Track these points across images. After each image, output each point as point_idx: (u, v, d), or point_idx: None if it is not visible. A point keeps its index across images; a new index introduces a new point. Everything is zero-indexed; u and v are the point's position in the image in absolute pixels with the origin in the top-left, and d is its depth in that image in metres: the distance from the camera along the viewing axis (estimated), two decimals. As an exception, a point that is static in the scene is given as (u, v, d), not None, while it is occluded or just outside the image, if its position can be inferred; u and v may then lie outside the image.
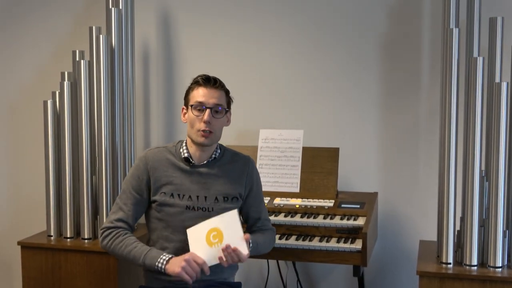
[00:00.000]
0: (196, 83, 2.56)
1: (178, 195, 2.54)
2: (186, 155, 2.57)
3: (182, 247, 2.50)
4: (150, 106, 3.76)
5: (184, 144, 2.60)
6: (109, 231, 2.53)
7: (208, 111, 2.50)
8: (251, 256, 2.63)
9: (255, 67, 3.60)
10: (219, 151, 2.63)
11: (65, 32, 3.83)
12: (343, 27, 3.45)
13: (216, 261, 2.39)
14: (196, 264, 2.36)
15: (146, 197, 2.57)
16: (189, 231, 2.45)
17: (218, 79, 2.57)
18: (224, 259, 2.39)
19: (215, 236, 2.39)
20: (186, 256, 2.38)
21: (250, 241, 2.48)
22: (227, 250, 2.38)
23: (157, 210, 2.55)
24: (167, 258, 2.41)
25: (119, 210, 2.55)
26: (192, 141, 2.56)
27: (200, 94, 2.52)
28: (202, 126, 2.50)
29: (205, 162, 2.58)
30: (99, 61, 3.22)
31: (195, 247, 2.41)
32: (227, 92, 2.60)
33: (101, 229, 2.56)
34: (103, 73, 3.22)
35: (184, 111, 2.61)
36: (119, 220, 2.53)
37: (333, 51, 3.48)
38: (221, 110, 2.54)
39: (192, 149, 2.58)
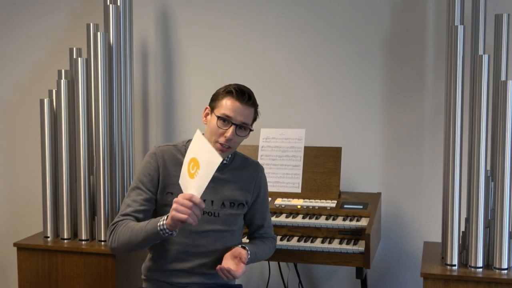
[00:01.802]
0: (229, 92, 2.46)
1: None
2: None
3: (185, 251, 2.50)
4: (148, 105, 3.77)
5: None
6: (114, 225, 2.45)
7: (232, 128, 2.43)
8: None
9: (255, 65, 3.60)
10: (229, 155, 2.60)
11: (62, 29, 3.84)
12: (346, 24, 3.46)
13: (203, 187, 2.26)
14: (185, 200, 2.22)
15: (155, 194, 2.52)
16: (180, 182, 2.34)
17: (252, 94, 2.50)
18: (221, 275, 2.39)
19: (193, 166, 2.28)
20: (174, 199, 2.28)
21: (249, 252, 2.48)
22: (222, 270, 2.38)
23: (163, 211, 2.51)
24: (165, 217, 2.30)
25: (128, 206, 2.48)
26: None
27: (229, 107, 2.44)
28: (222, 139, 2.44)
29: None
30: (97, 59, 3.23)
31: (185, 189, 2.31)
32: (256, 109, 2.54)
33: (109, 228, 2.47)
34: (101, 71, 3.23)
35: (207, 111, 2.52)
36: (126, 214, 2.45)
37: (336, 49, 3.49)
38: (246, 128, 2.49)
39: None
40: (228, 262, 2.45)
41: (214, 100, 2.50)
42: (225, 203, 2.54)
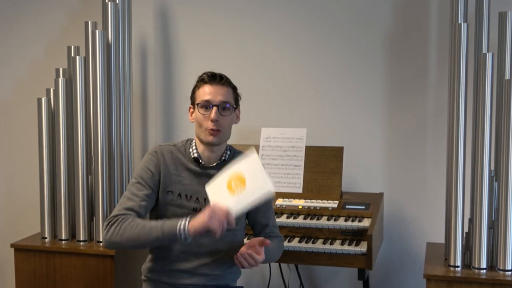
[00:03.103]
0: (201, 80, 2.55)
1: (186, 196, 2.53)
2: (195, 155, 2.55)
3: (187, 250, 2.50)
4: (147, 104, 3.77)
5: (193, 144, 2.59)
6: (117, 217, 2.40)
7: (215, 109, 2.49)
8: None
9: (256, 63, 3.60)
10: (228, 152, 2.61)
11: (59, 27, 3.84)
12: (348, 23, 3.46)
13: (241, 210, 2.31)
14: (220, 213, 2.27)
15: (155, 192, 2.52)
16: (209, 188, 2.38)
17: (224, 75, 2.56)
18: (241, 264, 2.40)
19: (237, 183, 2.33)
20: (209, 207, 2.31)
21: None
22: (243, 255, 2.39)
23: (163, 209, 2.52)
24: (188, 218, 2.32)
25: (128, 200, 2.46)
26: (201, 141, 2.54)
27: (206, 92, 2.51)
28: (209, 124, 2.48)
29: (214, 164, 2.56)
30: (95, 57, 3.23)
31: (217, 200, 2.32)
32: (234, 89, 2.60)
33: (106, 221, 2.43)
34: (99, 70, 3.23)
35: (191, 110, 2.59)
36: (128, 209, 2.43)
37: (337, 48, 3.49)
38: (229, 107, 2.53)
39: (201, 149, 2.56)
40: (245, 251, 2.43)
41: (192, 95, 2.59)
42: None
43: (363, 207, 3.06)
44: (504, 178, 2.71)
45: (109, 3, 3.31)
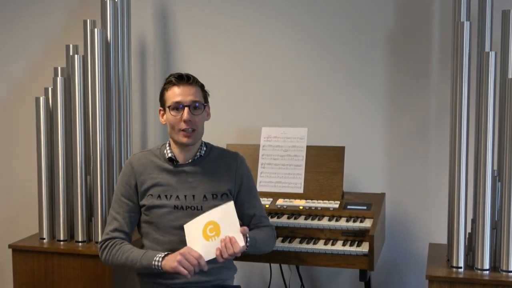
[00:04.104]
0: (169, 83, 2.61)
1: (166, 195, 2.61)
2: (170, 155, 2.64)
3: (174, 249, 2.52)
4: (147, 103, 3.77)
5: (168, 145, 2.67)
6: (106, 243, 2.60)
7: (186, 109, 2.55)
8: (253, 257, 2.63)
9: (256, 62, 3.60)
10: (204, 148, 2.70)
11: (58, 26, 3.84)
12: (349, 22, 3.46)
13: (213, 256, 2.43)
14: (192, 257, 2.40)
15: (137, 202, 2.65)
16: (186, 227, 2.50)
17: (191, 75, 2.62)
18: (220, 252, 2.42)
19: (212, 230, 2.45)
20: (181, 250, 2.44)
21: (248, 235, 2.51)
22: (224, 240, 2.43)
23: (146, 213, 2.63)
24: (162, 255, 2.47)
25: (113, 220, 2.64)
26: (175, 142, 2.62)
27: (175, 93, 2.57)
28: (183, 125, 2.55)
29: (190, 161, 2.65)
30: (94, 56, 3.23)
31: (192, 242, 2.46)
32: (202, 87, 2.66)
33: (99, 243, 2.64)
34: (98, 69, 3.23)
35: (162, 112, 2.67)
36: (114, 230, 2.62)
37: (338, 47, 3.49)
38: (199, 106, 2.59)
39: (176, 150, 2.65)
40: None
41: (161, 98, 2.66)
42: (206, 195, 2.62)
43: (365, 208, 3.06)
44: (507, 178, 2.70)
45: (108, 1, 3.31)
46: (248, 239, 2.51)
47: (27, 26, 3.89)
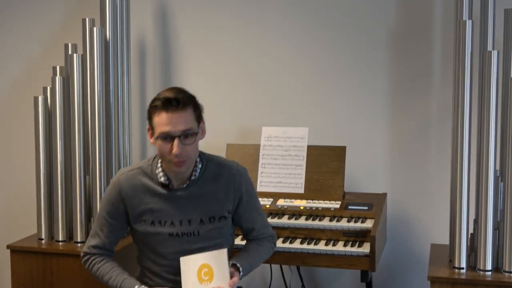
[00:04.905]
0: (155, 107, 2.32)
1: (160, 222, 2.44)
2: (162, 179, 2.42)
3: (171, 271, 2.46)
4: (146, 103, 3.75)
5: (159, 164, 2.44)
6: (87, 257, 2.55)
7: (176, 141, 2.29)
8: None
9: (257, 62, 3.60)
10: (200, 166, 2.45)
11: (57, 24, 3.84)
12: (350, 21, 3.46)
13: None
14: None
15: (124, 222, 2.51)
16: (183, 260, 2.41)
17: (180, 97, 2.31)
18: None
19: (206, 273, 2.39)
20: None
21: (241, 269, 2.44)
22: None
23: (142, 238, 2.50)
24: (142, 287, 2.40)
25: (96, 235, 2.53)
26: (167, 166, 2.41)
27: (164, 121, 2.29)
28: (173, 157, 2.31)
29: (185, 185, 2.43)
30: (93, 55, 3.23)
31: (186, 279, 2.39)
32: (194, 106, 2.36)
33: (82, 254, 2.57)
34: (97, 68, 3.23)
35: (151, 132, 2.39)
36: (95, 247, 2.52)
37: (339, 47, 3.48)
38: (192, 134, 2.33)
39: (168, 172, 2.42)
40: None
41: (149, 118, 2.38)
42: (203, 219, 2.45)
43: (366, 208, 3.06)
44: (509, 178, 2.70)
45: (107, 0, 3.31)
46: (241, 273, 2.44)
47: (26, 25, 3.89)
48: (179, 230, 2.44)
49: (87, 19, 3.35)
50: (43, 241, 3.31)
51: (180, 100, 2.29)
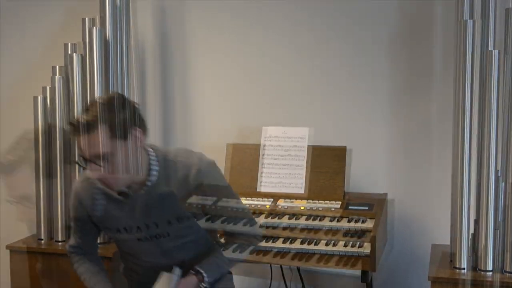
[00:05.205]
0: (71, 126, 2.21)
1: (125, 228, 2.35)
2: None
3: (151, 267, 2.42)
4: (146, 103, 3.76)
5: None
6: (68, 254, 2.56)
7: (91, 165, 2.14)
8: (254, 258, 2.59)
9: (257, 61, 3.60)
10: (156, 168, 2.28)
11: (56, 24, 3.83)
12: (351, 21, 3.45)
13: None
14: None
15: (92, 227, 2.45)
16: (162, 277, 2.36)
17: (91, 118, 2.12)
18: None
19: None
20: None
21: (202, 270, 2.36)
22: None
23: (117, 243, 2.50)
24: None
25: (73, 235, 2.53)
26: None
27: (79, 145, 2.17)
28: (96, 181, 2.23)
29: (142, 191, 2.29)
30: (93, 55, 3.22)
31: None
32: (111, 126, 2.13)
33: (67, 251, 2.58)
34: (97, 68, 3.23)
35: None
36: (73, 246, 2.53)
37: (340, 47, 3.48)
38: (107, 157, 2.13)
39: None
40: None
41: None
42: (171, 220, 2.34)
43: (367, 208, 3.06)
44: (510, 178, 2.70)
45: (107, -1, 3.32)
46: (205, 274, 2.35)
47: (25, 24, 3.88)
48: (147, 234, 2.35)
49: (87, 19, 3.35)
50: (42, 241, 3.31)
51: (90, 123, 2.12)
